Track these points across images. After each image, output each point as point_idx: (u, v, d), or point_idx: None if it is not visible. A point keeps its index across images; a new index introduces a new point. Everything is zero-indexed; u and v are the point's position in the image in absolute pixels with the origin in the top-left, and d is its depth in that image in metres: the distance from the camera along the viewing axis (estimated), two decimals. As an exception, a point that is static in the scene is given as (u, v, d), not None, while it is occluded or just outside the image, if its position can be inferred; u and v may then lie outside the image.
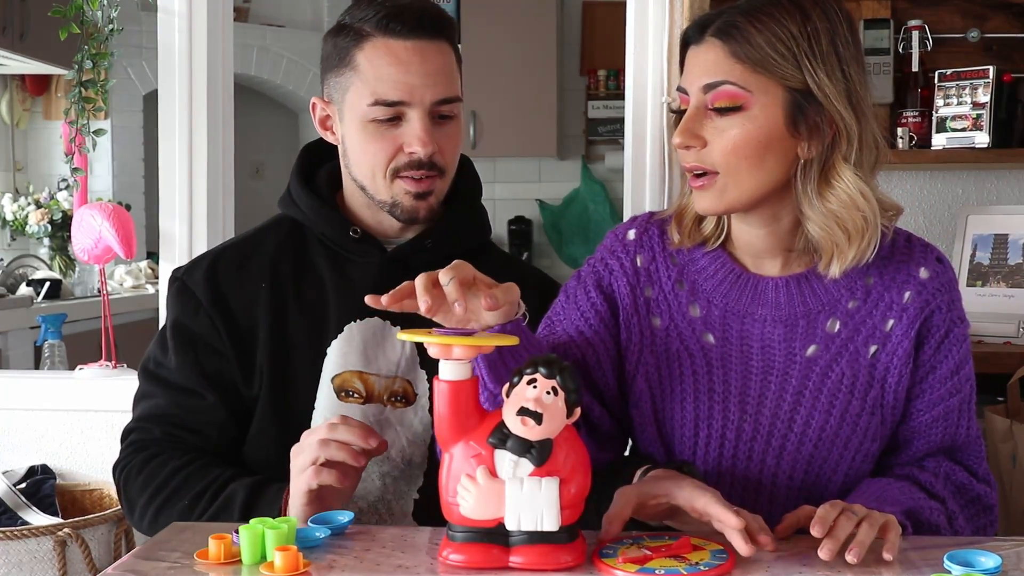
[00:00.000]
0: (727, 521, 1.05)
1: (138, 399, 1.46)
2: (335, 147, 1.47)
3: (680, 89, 1.25)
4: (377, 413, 1.38)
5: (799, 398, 1.26)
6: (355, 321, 1.39)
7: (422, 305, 1.07)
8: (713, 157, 1.20)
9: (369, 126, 1.36)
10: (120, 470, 1.42)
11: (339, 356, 1.38)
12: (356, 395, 1.38)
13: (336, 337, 1.39)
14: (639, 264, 1.33)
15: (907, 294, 1.28)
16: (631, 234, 1.36)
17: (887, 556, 1.04)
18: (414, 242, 1.44)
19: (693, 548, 1.06)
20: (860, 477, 1.29)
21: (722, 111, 1.19)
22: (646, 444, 1.33)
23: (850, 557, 1.02)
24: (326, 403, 1.38)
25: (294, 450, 1.24)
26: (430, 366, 1.38)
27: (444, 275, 1.07)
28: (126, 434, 1.45)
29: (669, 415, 1.29)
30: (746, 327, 1.28)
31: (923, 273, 1.28)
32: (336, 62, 1.39)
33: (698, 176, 1.23)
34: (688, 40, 1.25)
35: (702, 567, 1.01)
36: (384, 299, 1.09)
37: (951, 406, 1.29)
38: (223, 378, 1.40)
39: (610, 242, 1.37)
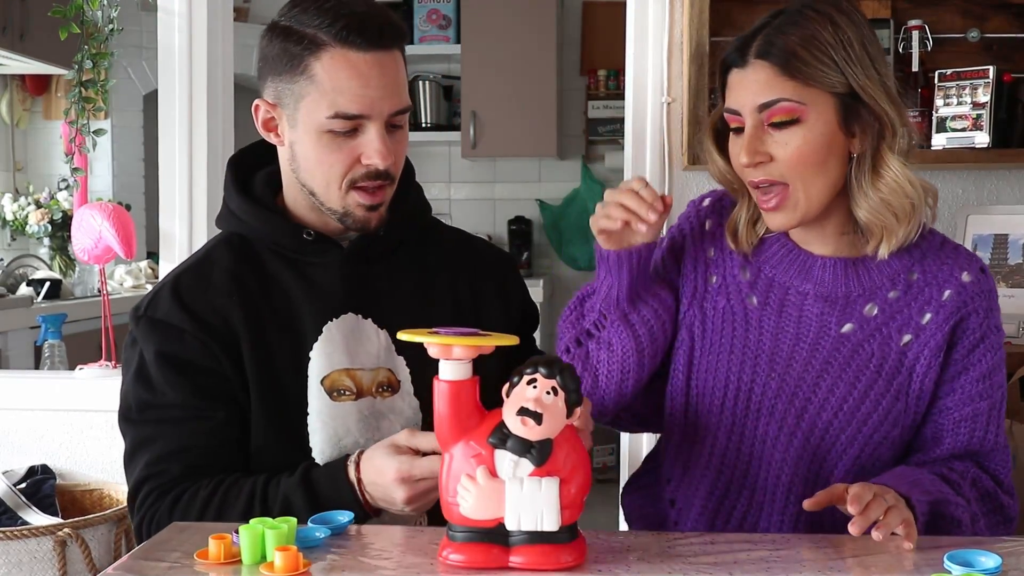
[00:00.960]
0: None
1: (132, 452, 1.38)
2: (265, 153, 1.45)
3: (730, 111, 1.32)
4: (369, 406, 1.39)
5: (827, 367, 1.34)
6: (331, 320, 1.39)
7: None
8: (781, 169, 1.29)
9: (325, 136, 1.34)
10: (146, 525, 1.34)
11: (324, 357, 1.38)
12: (347, 392, 1.38)
13: (316, 339, 1.38)
14: (707, 227, 1.46)
15: (947, 292, 1.34)
16: (706, 202, 1.49)
17: (907, 546, 1.10)
18: (366, 235, 1.43)
19: None
20: (874, 457, 1.34)
21: (780, 125, 1.28)
22: (673, 391, 1.42)
23: (876, 535, 1.09)
24: (320, 405, 1.37)
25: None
26: (407, 353, 1.40)
27: None
28: (137, 488, 1.36)
29: (702, 365, 1.39)
30: (788, 297, 1.38)
31: (965, 277, 1.35)
32: (287, 67, 1.35)
33: (767, 193, 1.31)
34: (730, 64, 1.32)
35: None
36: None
37: (980, 409, 1.34)
38: (225, 395, 1.36)
39: (687, 210, 1.51)
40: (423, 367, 1.38)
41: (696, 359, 1.41)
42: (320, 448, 1.36)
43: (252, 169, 1.49)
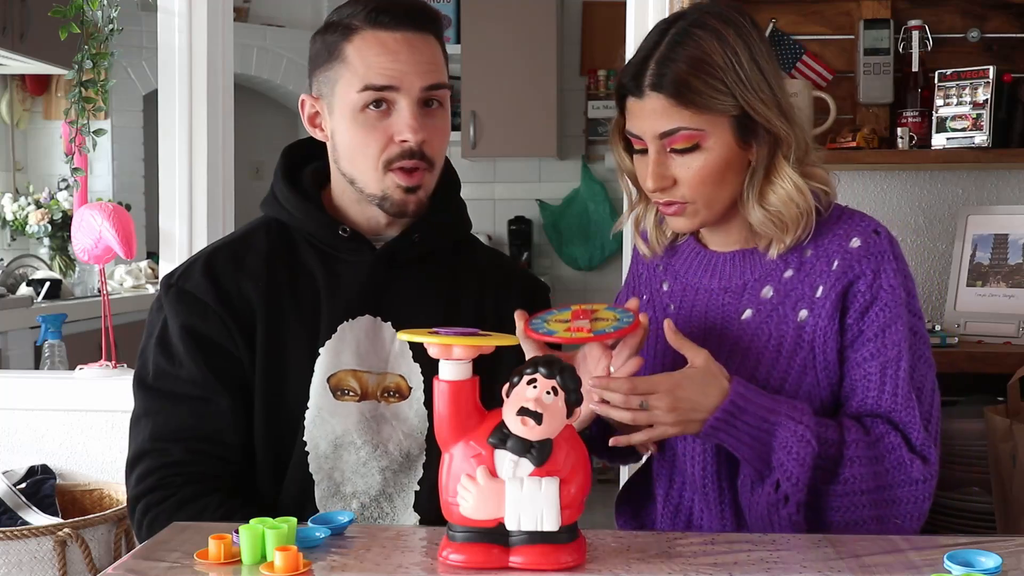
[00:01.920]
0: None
1: (140, 416, 1.40)
2: (318, 148, 1.47)
3: (632, 134, 1.37)
4: (372, 409, 1.40)
5: (731, 355, 1.38)
6: (347, 321, 1.40)
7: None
8: (684, 190, 1.35)
9: (359, 117, 1.37)
10: (143, 511, 1.36)
11: (333, 356, 1.39)
12: (351, 393, 1.39)
13: (329, 337, 1.39)
14: (640, 250, 1.55)
15: (835, 262, 1.37)
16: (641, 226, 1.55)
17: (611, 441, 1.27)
18: (401, 238, 1.45)
19: (593, 312, 1.30)
20: None
21: (682, 151, 1.33)
22: None
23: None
24: (322, 402, 1.39)
25: None
26: (423, 360, 1.40)
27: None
28: (138, 458, 1.38)
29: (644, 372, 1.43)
30: (699, 297, 1.44)
31: (854, 243, 1.36)
32: (325, 58, 1.40)
33: (669, 203, 1.37)
34: (626, 91, 1.36)
35: (621, 322, 1.25)
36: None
37: (871, 369, 1.34)
38: (235, 380, 1.39)
39: (641, 233, 1.57)
40: None
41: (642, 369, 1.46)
42: (315, 443, 1.38)
43: (304, 160, 1.51)
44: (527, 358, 1.18)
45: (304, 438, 1.38)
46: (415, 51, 1.37)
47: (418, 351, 1.40)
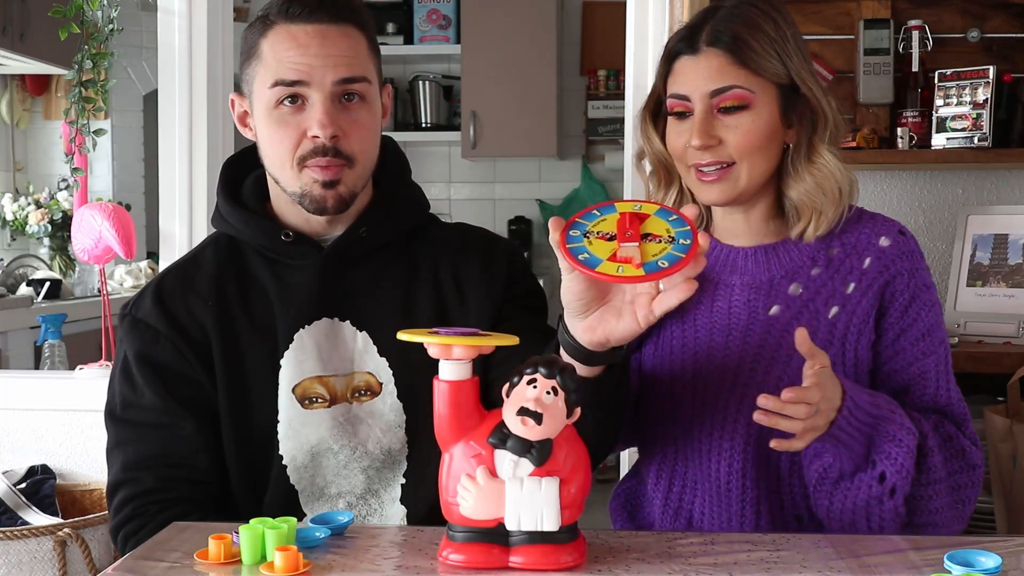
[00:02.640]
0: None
1: (112, 448, 1.40)
2: (258, 156, 1.45)
3: (678, 96, 1.38)
4: (344, 412, 1.37)
5: (760, 351, 1.38)
6: (303, 327, 1.37)
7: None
8: (730, 151, 1.35)
9: (274, 113, 1.34)
10: (123, 541, 1.36)
11: (295, 365, 1.36)
12: (320, 400, 1.37)
13: (288, 347, 1.37)
14: None
15: (867, 260, 1.39)
16: None
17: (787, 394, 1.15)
18: (348, 234, 1.41)
19: (643, 220, 1.07)
20: None
21: (730, 111, 1.34)
22: (634, 396, 1.45)
23: (775, 444, 1.19)
24: (291, 414, 1.36)
25: None
26: (389, 353, 1.38)
27: None
28: (115, 489, 1.38)
29: (650, 371, 1.44)
30: (718, 292, 1.42)
31: (884, 241, 1.39)
32: (246, 55, 1.38)
33: (711, 171, 1.36)
34: (678, 52, 1.38)
35: (677, 248, 1.03)
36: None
37: (926, 367, 1.37)
38: (197, 403, 1.37)
39: None
40: (407, 369, 1.37)
41: (645, 367, 1.45)
42: (291, 456, 1.36)
43: (247, 171, 1.49)
44: (563, 274, 1.11)
45: (280, 452, 1.36)
46: (328, 43, 1.33)
47: (383, 345, 1.38)
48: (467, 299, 1.43)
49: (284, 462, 1.36)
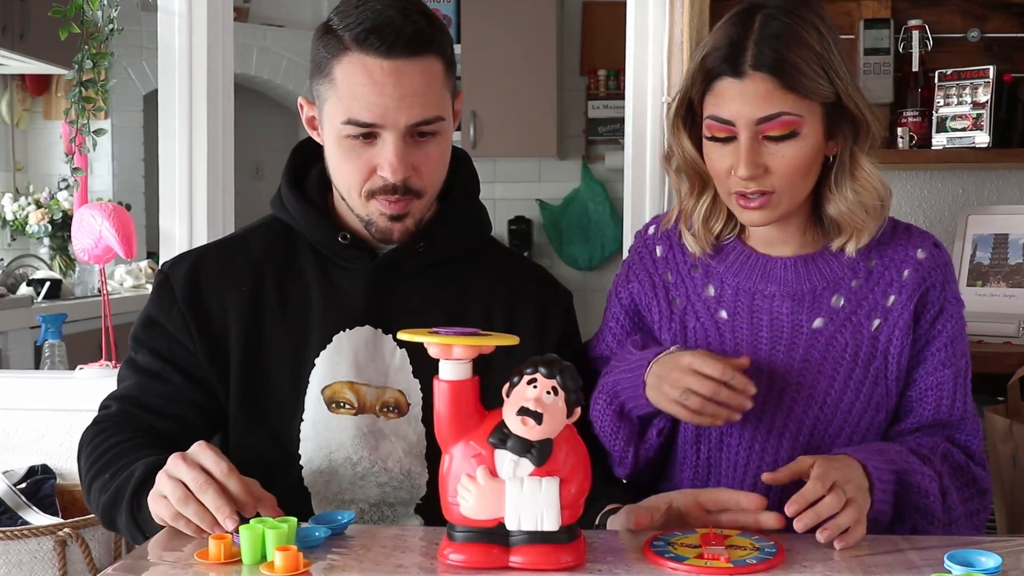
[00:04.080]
0: (750, 503, 1.15)
1: (118, 381, 1.44)
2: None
3: (721, 120, 1.29)
4: (370, 424, 1.35)
5: (806, 365, 1.35)
6: (344, 331, 1.36)
7: None
8: (774, 180, 1.29)
9: (344, 142, 1.31)
10: (79, 446, 1.41)
11: (328, 367, 1.35)
12: (347, 406, 1.35)
13: (324, 347, 1.35)
14: (658, 254, 1.46)
15: (906, 272, 1.37)
16: (651, 229, 1.50)
17: (839, 546, 1.10)
18: (404, 247, 1.39)
19: (726, 538, 1.11)
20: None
21: (778, 139, 1.28)
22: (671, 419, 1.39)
23: (821, 536, 1.08)
24: (316, 414, 1.35)
25: (169, 466, 1.15)
26: (423, 376, 1.35)
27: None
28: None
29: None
30: (756, 303, 1.38)
31: (920, 254, 1.38)
32: (318, 69, 1.33)
33: (754, 198, 1.30)
34: (720, 73, 1.28)
35: (763, 553, 1.06)
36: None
37: (944, 377, 1.36)
38: (192, 370, 1.37)
39: (635, 241, 1.52)
40: None
41: None
42: (309, 457, 1.35)
43: (314, 158, 1.45)
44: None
45: (300, 451, 1.35)
46: (404, 82, 1.27)
47: (419, 366, 1.36)
48: (512, 352, 1.40)
49: (301, 462, 1.35)
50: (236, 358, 1.36)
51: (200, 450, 1.16)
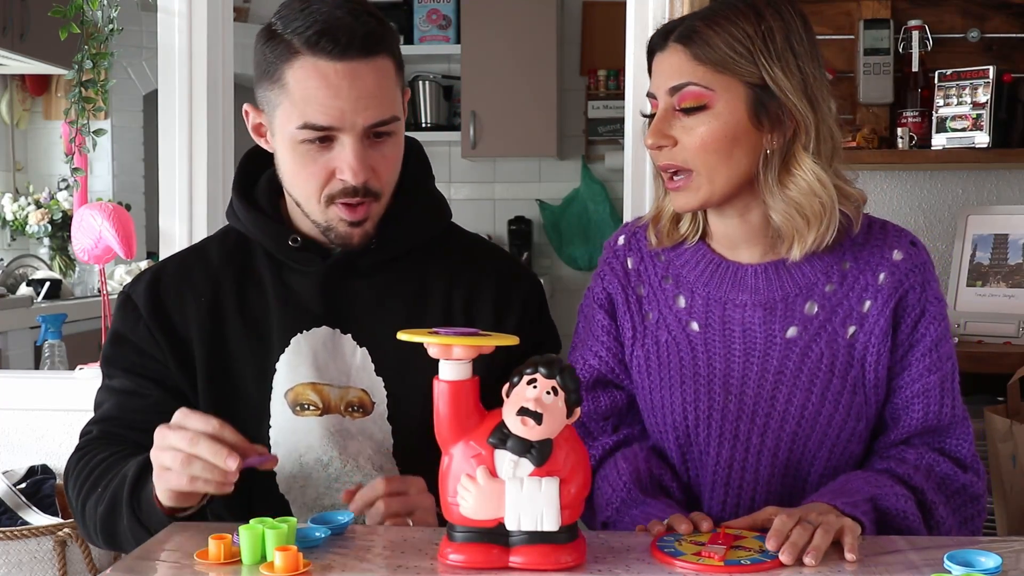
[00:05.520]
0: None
1: (95, 407, 1.43)
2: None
3: (650, 95, 1.32)
4: (336, 424, 1.34)
5: (780, 377, 1.32)
6: (301, 332, 1.35)
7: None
8: (685, 154, 1.28)
9: (300, 147, 1.29)
10: (65, 474, 1.40)
11: (289, 370, 1.34)
12: (312, 407, 1.34)
13: (283, 351, 1.35)
14: (629, 266, 1.43)
15: (881, 275, 1.33)
16: (620, 240, 1.46)
17: (849, 557, 1.07)
18: (357, 245, 1.37)
19: (737, 539, 1.11)
20: (845, 455, 1.33)
21: (688, 111, 1.27)
22: (652, 432, 1.40)
23: (808, 559, 1.05)
24: (282, 419, 1.34)
25: (157, 440, 1.17)
26: (386, 373, 1.35)
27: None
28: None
29: (660, 402, 1.36)
30: (727, 312, 1.35)
31: (896, 255, 1.33)
32: (265, 74, 1.30)
33: (673, 176, 1.30)
34: (654, 48, 1.33)
35: (764, 555, 1.06)
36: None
37: (931, 383, 1.32)
38: (166, 381, 1.37)
39: (605, 253, 1.47)
40: (403, 391, 1.35)
41: (652, 397, 1.37)
42: (280, 464, 1.32)
43: (263, 166, 1.44)
44: None
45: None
46: (359, 83, 1.26)
47: (381, 364, 1.35)
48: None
49: (275, 468, 1.32)
50: (201, 369, 1.36)
51: (183, 415, 1.18)
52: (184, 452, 1.14)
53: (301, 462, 1.34)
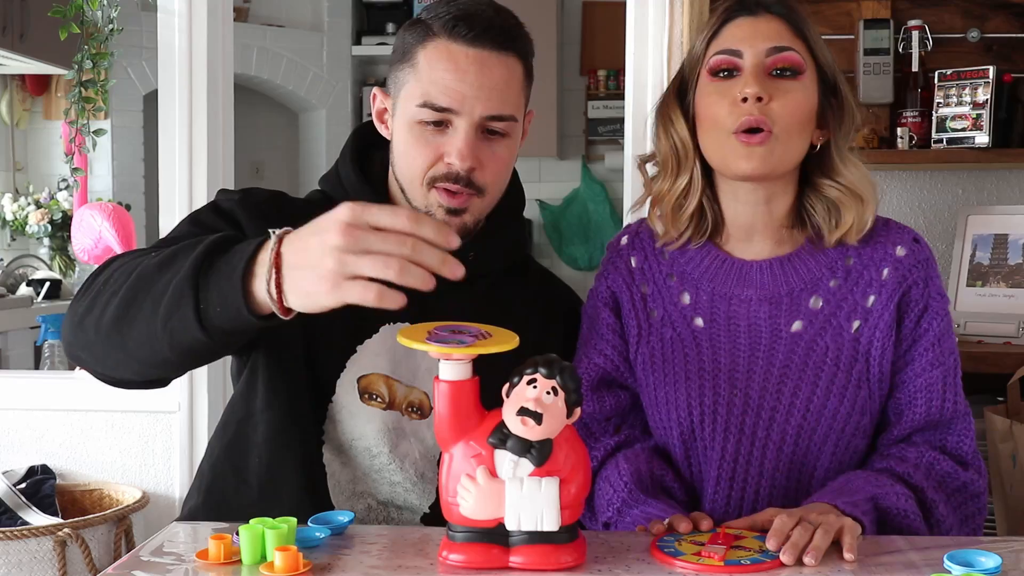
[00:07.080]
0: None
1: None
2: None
3: (729, 51, 1.32)
4: (395, 421, 1.35)
5: (786, 372, 1.32)
6: (390, 324, 1.35)
7: None
8: (774, 113, 1.29)
9: (416, 127, 1.31)
10: (102, 267, 1.25)
11: (370, 356, 1.34)
12: (379, 399, 1.34)
13: (371, 336, 1.34)
14: (633, 265, 1.43)
15: (885, 271, 1.34)
16: (624, 240, 1.47)
17: (848, 556, 1.06)
18: (458, 254, 1.28)
19: (737, 538, 1.11)
20: (849, 449, 1.33)
21: (783, 73, 1.30)
22: (655, 430, 1.39)
23: (808, 559, 1.05)
24: (346, 399, 1.34)
25: (337, 247, 1.01)
26: None
27: None
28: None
29: (664, 398, 1.36)
30: (733, 308, 1.35)
31: (900, 251, 1.35)
32: (400, 56, 1.34)
33: (752, 133, 1.29)
34: (733, 15, 1.34)
35: (764, 556, 1.06)
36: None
37: (934, 378, 1.33)
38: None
39: (608, 253, 1.47)
40: None
41: (657, 394, 1.37)
42: (331, 436, 1.34)
43: (373, 145, 1.43)
44: None
45: (323, 426, 1.34)
46: (485, 73, 1.29)
47: None
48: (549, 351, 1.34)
49: (323, 437, 1.34)
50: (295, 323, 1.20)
51: (361, 207, 1.02)
52: (399, 260, 1.01)
53: (351, 444, 1.34)
